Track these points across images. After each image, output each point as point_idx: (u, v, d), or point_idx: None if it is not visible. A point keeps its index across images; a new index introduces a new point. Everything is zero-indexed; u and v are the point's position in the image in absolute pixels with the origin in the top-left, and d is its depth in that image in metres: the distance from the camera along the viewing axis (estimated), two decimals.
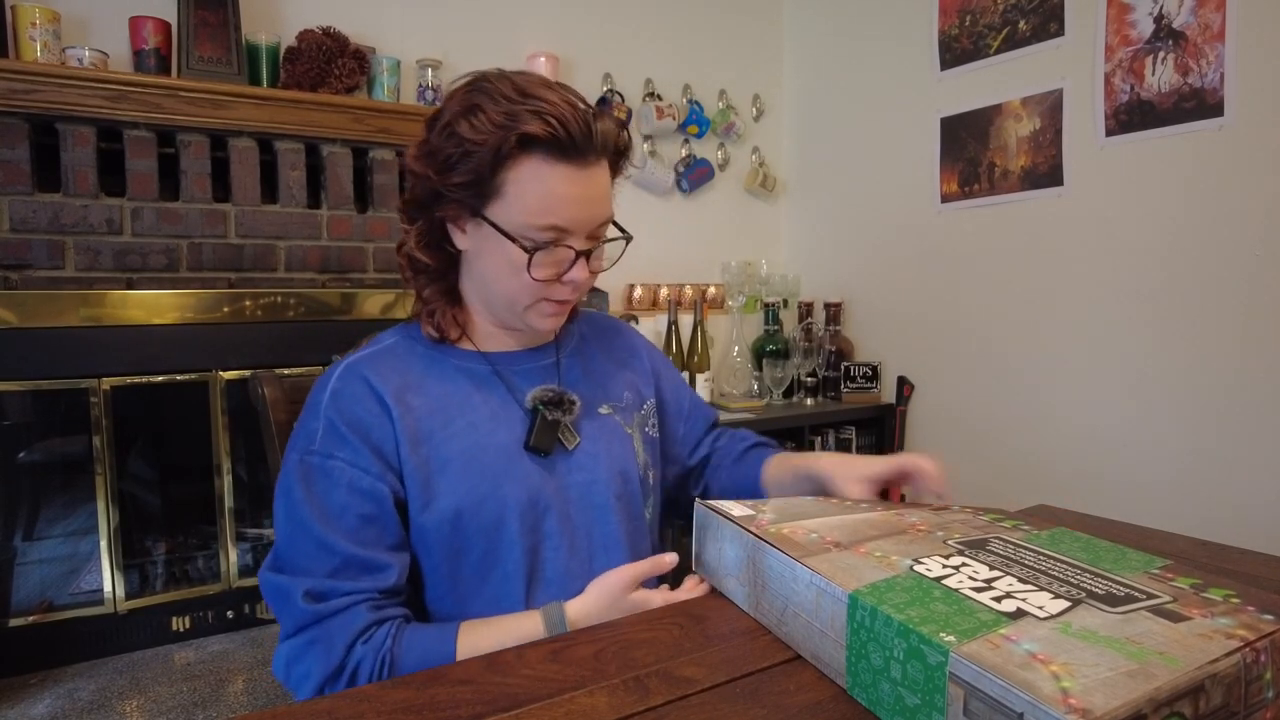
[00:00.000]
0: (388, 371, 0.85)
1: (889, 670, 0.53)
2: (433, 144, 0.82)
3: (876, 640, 0.54)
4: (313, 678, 0.74)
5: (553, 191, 0.79)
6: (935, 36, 2.68)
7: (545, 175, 0.79)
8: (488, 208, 0.81)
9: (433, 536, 0.83)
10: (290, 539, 0.79)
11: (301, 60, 2.21)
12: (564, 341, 0.99)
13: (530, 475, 0.86)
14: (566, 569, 0.86)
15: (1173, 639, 0.49)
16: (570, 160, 0.79)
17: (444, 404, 0.86)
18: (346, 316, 2.24)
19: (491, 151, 0.78)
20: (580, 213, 0.82)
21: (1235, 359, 2.01)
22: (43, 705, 1.82)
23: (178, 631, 2.13)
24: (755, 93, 3.24)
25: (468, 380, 0.88)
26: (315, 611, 0.75)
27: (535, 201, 0.79)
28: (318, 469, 0.80)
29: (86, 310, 1.95)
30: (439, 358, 0.89)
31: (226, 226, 2.15)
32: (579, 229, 0.83)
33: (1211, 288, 2.05)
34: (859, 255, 3.02)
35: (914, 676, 0.51)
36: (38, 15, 1.92)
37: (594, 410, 0.94)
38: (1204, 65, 2.03)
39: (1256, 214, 1.96)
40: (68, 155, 1.96)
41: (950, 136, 2.66)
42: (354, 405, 0.82)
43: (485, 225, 0.82)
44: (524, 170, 0.79)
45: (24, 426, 2.02)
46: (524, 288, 0.84)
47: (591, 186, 0.82)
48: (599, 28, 2.87)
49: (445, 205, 0.83)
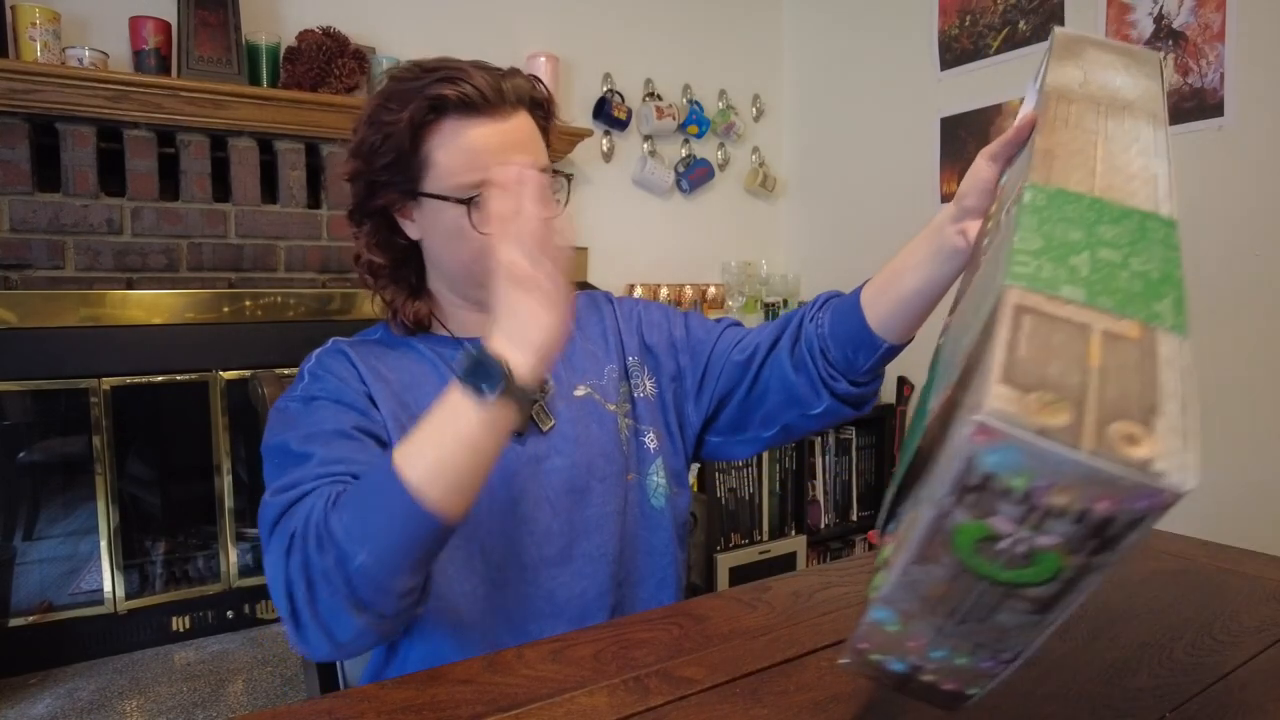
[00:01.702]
0: (365, 354, 0.87)
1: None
2: (358, 139, 0.84)
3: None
4: (277, 557, 0.66)
5: (473, 145, 0.81)
6: (935, 36, 2.68)
7: (463, 132, 0.81)
8: (422, 183, 0.83)
9: None
10: (274, 468, 0.76)
11: (301, 60, 2.21)
12: None
13: (505, 459, 0.85)
14: (542, 555, 0.86)
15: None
16: (485, 114, 0.81)
17: (417, 381, 0.86)
18: (346, 317, 2.24)
19: (408, 124, 0.80)
20: (506, 161, 0.80)
21: (1234, 358, 2.01)
22: (42, 705, 1.82)
23: (178, 631, 2.13)
24: (755, 93, 3.24)
25: (442, 362, 0.89)
26: (283, 500, 0.70)
27: (460, 158, 0.81)
28: (299, 411, 0.80)
29: (86, 310, 1.95)
30: (415, 344, 0.91)
31: (226, 226, 2.15)
32: None
33: (1211, 288, 2.05)
34: (859, 256, 3.01)
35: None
36: (38, 15, 1.92)
37: (569, 393, 0.93)
38: (1204, 65, 2.03)
39: (1256, 214, 1.96)
40: (68, 155, 1.96)
41: (950, 136, 2.66)
42: (334, 364, 0.85)
43: (425, 202, 0.83)
44: (443, 134, 0.81)
45: (24, 426, 2.03)
46: (478, 250, 0.81)
47: (513, 134, 0.83)
48: (598, 28, 2.87)
49: (383, 193, 0.84)
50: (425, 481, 0.62)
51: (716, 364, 0.97)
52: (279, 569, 0.66)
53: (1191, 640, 0.69)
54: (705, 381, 0.98)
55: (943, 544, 0.38)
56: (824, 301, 0.94)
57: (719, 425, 0.99)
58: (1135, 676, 0.62)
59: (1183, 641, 0.68)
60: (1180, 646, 0.68)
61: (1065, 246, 0.42)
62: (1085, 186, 0.47)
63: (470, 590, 0.83)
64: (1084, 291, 0.39)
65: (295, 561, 0.64)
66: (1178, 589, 0.81)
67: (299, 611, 0.64)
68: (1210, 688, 0.61)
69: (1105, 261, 0.41)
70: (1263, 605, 0.76)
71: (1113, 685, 0.50)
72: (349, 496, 0.66)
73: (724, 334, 0.99)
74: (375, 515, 0.63)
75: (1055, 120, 0.52)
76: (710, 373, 0.97)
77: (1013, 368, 0.34)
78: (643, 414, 0.96)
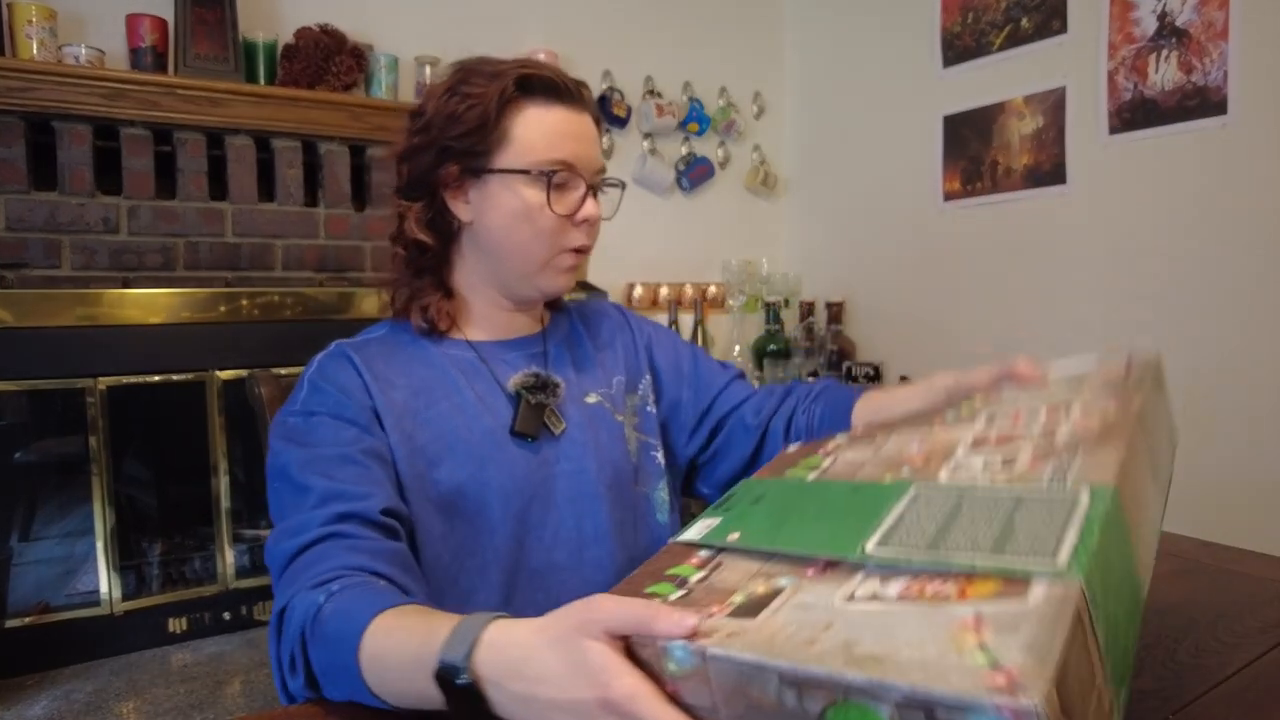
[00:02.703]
0: (371, 357, 0.86)
1: None
2: (429, 110, 0.85)
3: None
4: (272, 622, 0.68)
5: (557, 128, 0.84)
6: (937, 33, 2.67)
7: (547, 116, 0.84)
8: (495, 158, 0.83)
9: (410, 519, 0.81)
10: (276, 497, 0.77)
11: (299, 58, 2.20)
12: (551, 331, 0.98)
13: (515, 462, 0.85)
14: (551, 560, 0.85)
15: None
16: (566, 104, 0.85)
17: (427, 386, 0.85)
18: (344, 315, 2.23)
19: (495, 98, 0.82)
20: (583, 150, 0.85)
21: (1238, 357, 2.00)
22: (39, 707, 1.81)
23: (174, 633, 2.12)
24: (756, 90, 3.23)
25: (453, 366, 0.88)
26: (287, 549, 0.70)
27: (543, 139, 0.83)
28: (300, 426, 0.80)
29: (83, 309, 1.94)
30: (425, 346, 0.89)
31: (223, 225, 2.15)
32: (584, 166, 0.86)
33: (1214, 286, 2.04)
34: (860, 254, 3.00)
35: None
36: (34, 13, 1.92)
37: (581, 398, 0.92)
38: (1207, 63, 2.02)
39: (1260, 212, 1.95)
40: (64, 153, 1.95)
41: (953, 134, 2.65)
42: (338, 373, 0.84)
43: (492, 181, 0.84)
44: (528, 113, 0.83)
45: (20, 426, 2.02)
46: (541, 233, 0.84)
47: (587, 129, 0.87)
48: (598, 24, 2.86)
49: (448, 165, 0.84)
50: (380, 691, 0.58)
51: (720, 410, 1.00)
52: (274, 634, 0.67)
53: (1195, 642, 0.68)
54: (704, 422, 1.00)
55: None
56: (819, 392, 0.98)
57: (714, 477, 1.01)
58: (1138, 678, 0.61)
59: (1186, 643, 0.68)
60: (1183, 648, 0.67)
61: (1113, 563, 0.45)
62: (1130, 516, 0.51)
63: (484, 600, 0.82)
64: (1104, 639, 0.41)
65: (285, 645, 0.65)
66: (1181, 590, 0.80)
67: (295, 670, 0.66)
68: (1214, 689, 0.60)
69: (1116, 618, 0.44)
70: (1267, 607, 0.76)
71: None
72: (322, 646, 0.62)
73: (732, 384, 1.02)
74: (339, 682, 0.61)
75: (1134, 442, 0.55)
76: (711, 416, 1.00)
77: (1065, 676, 0.35)
78: (650, 430, 0.98)
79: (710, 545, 0.56)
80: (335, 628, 0.61)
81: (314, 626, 0.63)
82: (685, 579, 0.52)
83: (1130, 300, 2.21)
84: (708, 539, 0.57)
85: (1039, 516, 0.47)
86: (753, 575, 0.50)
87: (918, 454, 0.63)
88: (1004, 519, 0.48)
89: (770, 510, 0.60)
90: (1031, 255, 2.44)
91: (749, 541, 0.55)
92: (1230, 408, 2.02)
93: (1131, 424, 0.57)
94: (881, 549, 0.48)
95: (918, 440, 0.66)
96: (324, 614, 0.63)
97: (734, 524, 0.58)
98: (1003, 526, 0.47)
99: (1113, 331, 2.25)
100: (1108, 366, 0.73)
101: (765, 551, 0.53)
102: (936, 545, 0.47)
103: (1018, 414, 0.65)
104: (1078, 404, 0.63)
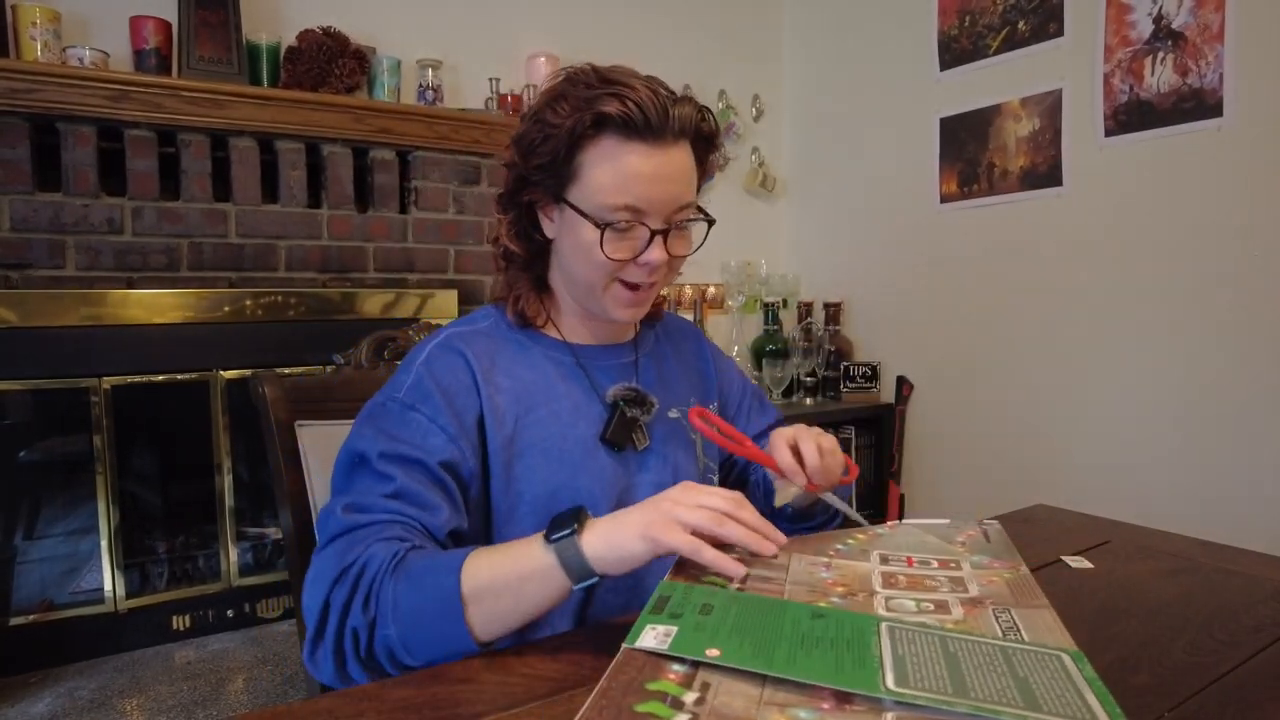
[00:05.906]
0: (480, 351, 0.87)
1: None
2: (521, 132, 0.86)
3: None
4: (324, 577, 0.69)
5: (625, 169, 0.80)
6: (935, 37, 2.68)
7: (618, 154, 0.80)
8: (568, 191, 0.84)
9: (504, 518, 0.84)
10: (348, 473, 0.79)
11: (302, 60, 2.21)
12: (642, 342, 1.00)
13: (605, 469, 0.88)
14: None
15: None
16: (644, 139, 0.80)
17: (529, 389, 0.88)
18: (347, 316, 2.24)
19: (568, 133, 0.80)
20: (654, 191, 0.81)
21: (1234, 358, 2.01)
22: (43, 704, 1.82)
23: (178, 630, 2.13)
24: (755, 93, 3.24)
25: (554, 369, 0.90)
26: (351, 521, 0.73)
27: (609, 180, 0.81)
28: (396, 414, 0.81)
29: (87, 310, 1.95)
30: (527, 344, 0.91)
31: (227, 226, 2.15)
32: (654, 209, 0.82)
33: (1210, 287, 2.05)
34: (858, 255, 3.02)
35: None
36: (38, 15, 1.92)
37: (664, 414, 0.95)
38: (1203, 66, 2.03)
39: (1256, 214, 1.96)
40: (68, 155, 1.96)
41: (950, 137, 2.66)
42: (447, 372, 0.84)
43: (567, 209, 0.84)
44: (600, 150, 0.81)
45: (25, 426, 2.02)
46: (597, 268, 0.84)
47: (667, 165, 0.82)
48: (598, 28, 2.87)
49: (531, 190, 0.86)
50: (477, 622, 0.67)
51: (742, 461, 1.05)
52: (321, 589, 0.69)
53: (1191, 639, 0.69)
54: (734, 464, 1.06)
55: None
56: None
57: None
58: (1135, 675, 0.62)
59: (1182, 641, 0.68)
60: (1179, 646, 0.68)
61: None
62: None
63: (561, 608, 0.83)
64: None
65: (338, 597, 0.68)
66: (1177, 588, 0.81)
67: (323, 636, 0.69)
68: (1209, 687, 0.61)
69: None
70: (1262, 605, 0.76)
71: (1112, 684, 0.51)
72: (409, 580, 0.68)
73: (766, 435, 1.06)
74: (422, 612, 0.67)
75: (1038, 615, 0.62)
76: (738, 463, 1.06)
77: None
78: (711, 454, 1.01)
79: (683, 658, 0.55)
80: (430, 561, 0.69)
81: (401, 567, 0.68)
82: (678, 699, 0.51)
83: (1126, 301, 2.22)
84: (677, 650, 0.55)
85: (1039, 674, 0.52)
86: (759, 702, 0.51)
87: (831, 581, 0.68)
88: (1004, 669, 0.52)
89: (738, 625, 0.58)
90: (1028, 256, 2.46)
91: (736, 661, 0.53)
92: (1227, 406, 2.03)
93: (1035, 587, 0.66)
94: (904, 688, 0.50)
95: (823, 566, 0.71)
96: (410, 558, 0.69)
97: (700, 636, 0.56)
98: (1015, 679, 0.51)
99: (1108, 331, 2.26)
100: (961, 530, 0.81)
101: (758, 674, 0.53)
102: (963, 691, 0.50)
103: (910, 559, 0.73)
104: (965, 561, 0.72)
